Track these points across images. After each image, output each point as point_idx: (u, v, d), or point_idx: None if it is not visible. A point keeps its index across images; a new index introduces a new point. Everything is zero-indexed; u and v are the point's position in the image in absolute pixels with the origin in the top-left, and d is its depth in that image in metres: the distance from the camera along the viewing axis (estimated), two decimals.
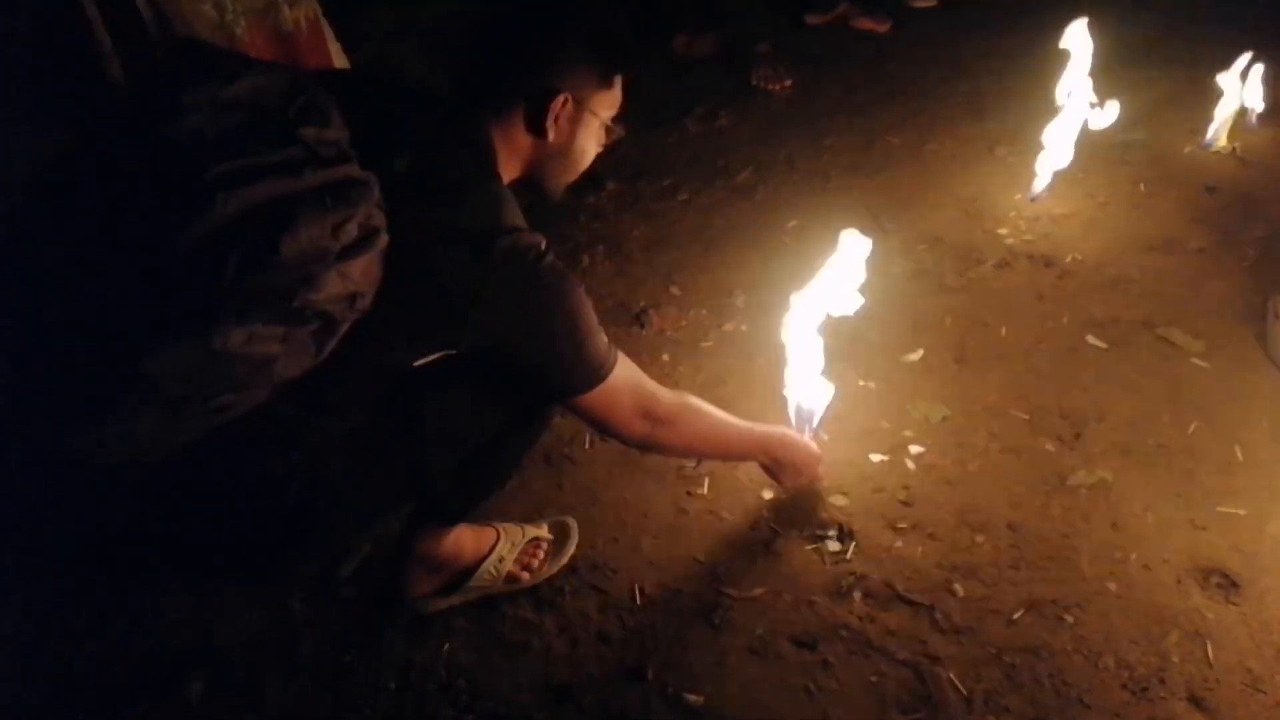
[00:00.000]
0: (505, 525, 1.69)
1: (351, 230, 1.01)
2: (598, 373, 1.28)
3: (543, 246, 1.21)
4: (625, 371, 1.33)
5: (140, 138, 0.99)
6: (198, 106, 0.99)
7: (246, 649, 1.59)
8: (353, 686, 1.53)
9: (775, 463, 1.68)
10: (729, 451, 1.67)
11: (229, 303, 0.94)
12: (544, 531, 1.72)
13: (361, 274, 1.03)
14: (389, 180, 1.08)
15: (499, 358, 1.23)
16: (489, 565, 1.63)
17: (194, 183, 0.94)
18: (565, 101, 1.26)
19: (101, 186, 0.98)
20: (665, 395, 1.40)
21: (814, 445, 1.73)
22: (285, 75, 1.08)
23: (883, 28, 3.58)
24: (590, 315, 1.27)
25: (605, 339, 1.30)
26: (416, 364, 1.21)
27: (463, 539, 1.62)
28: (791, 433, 1.70)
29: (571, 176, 1.39)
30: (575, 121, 1.29)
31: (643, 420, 1.37)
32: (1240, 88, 2.72)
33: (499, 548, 1.65)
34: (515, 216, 1.23)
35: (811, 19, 3.60)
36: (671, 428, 1.41)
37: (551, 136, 1.28)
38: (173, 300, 0.94)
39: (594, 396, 1.30)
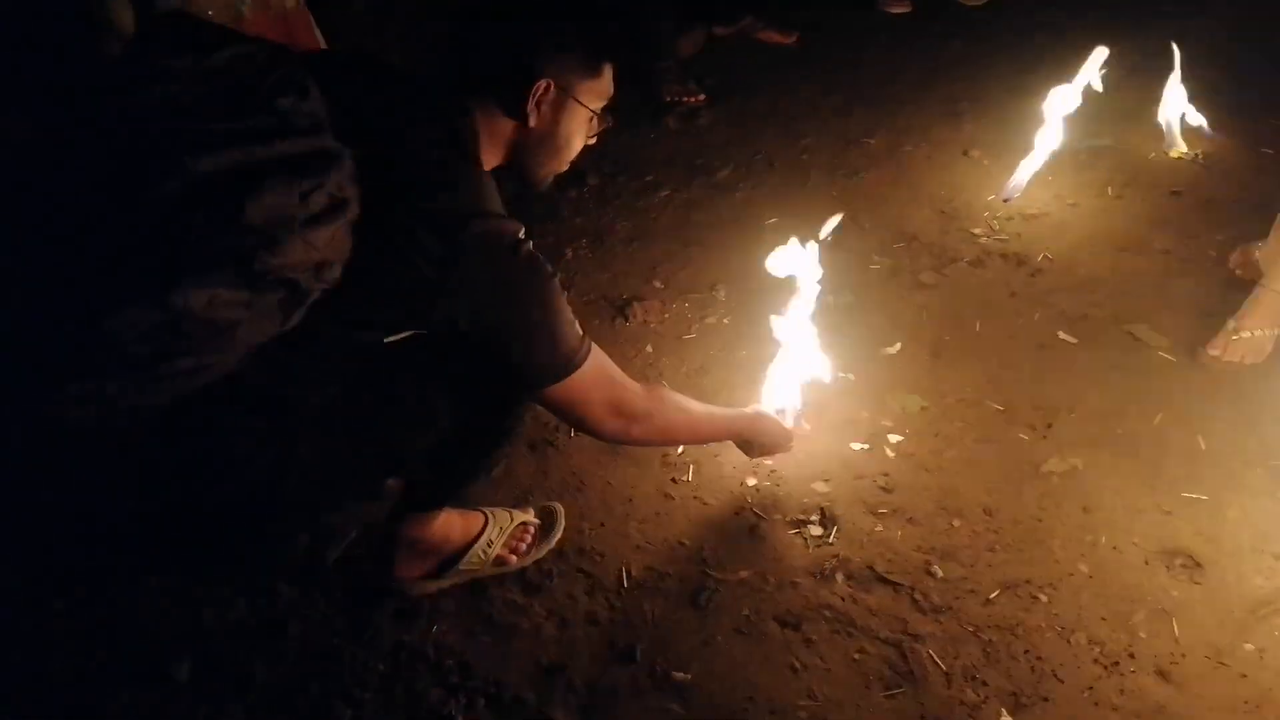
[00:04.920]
0: (493, 510, 1.71)
1: (320, 199, 1.02)
2: (568, 365, 1.26)
3: (519, 234, 1.20)
4: (597, 365, 1.31)
5: (115, 103, 1.00)
6: (175, 75, 1.00)
7: (233, 633, 1.59)
8: (342, 669, 1.53)
9: (747, 442, 1.72)
10: (702, 439, 1.73)
11: (188, 262, 0.95)
12: (531, 516, 1.74)
13: (328, 243, 1.03)
14: (365, 156, 1.09)
15: (468, 343, 1.22)
16: (477, 549, 1.65)
17: (163, 147, 0.96)
18: (547, 87, 1.25)
19: (72, 149, 0.98)
20: (638, 390, 1.39)
21: (783, 421, 1.76)
22: (267, 48, 1.08)
23: (789, 39, 3.62)
24: (563, 306, 1.25)
25: (579, 331, 1.28)
26: (388, 341, 1.20)
27: (450, 523, 1.64)
28: (763, 412, 1.72)
29: (556, 166, 1.37)
30: (559, 108, 1.28)
31: (615, 416, 1.36)
32: (1181, 95, 2.82)
33: (487, 532, 1.66)
34: (492, 202, 1.23)
35: (718, 31, 3.63)
36: (645, 423, 1.40)
37: (532, 122, 1.26)
38: (135, 259, 0.94)
39: (564, 389, 1.28)
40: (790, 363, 1.86)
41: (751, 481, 1.85)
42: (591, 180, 2.81)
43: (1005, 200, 2.67)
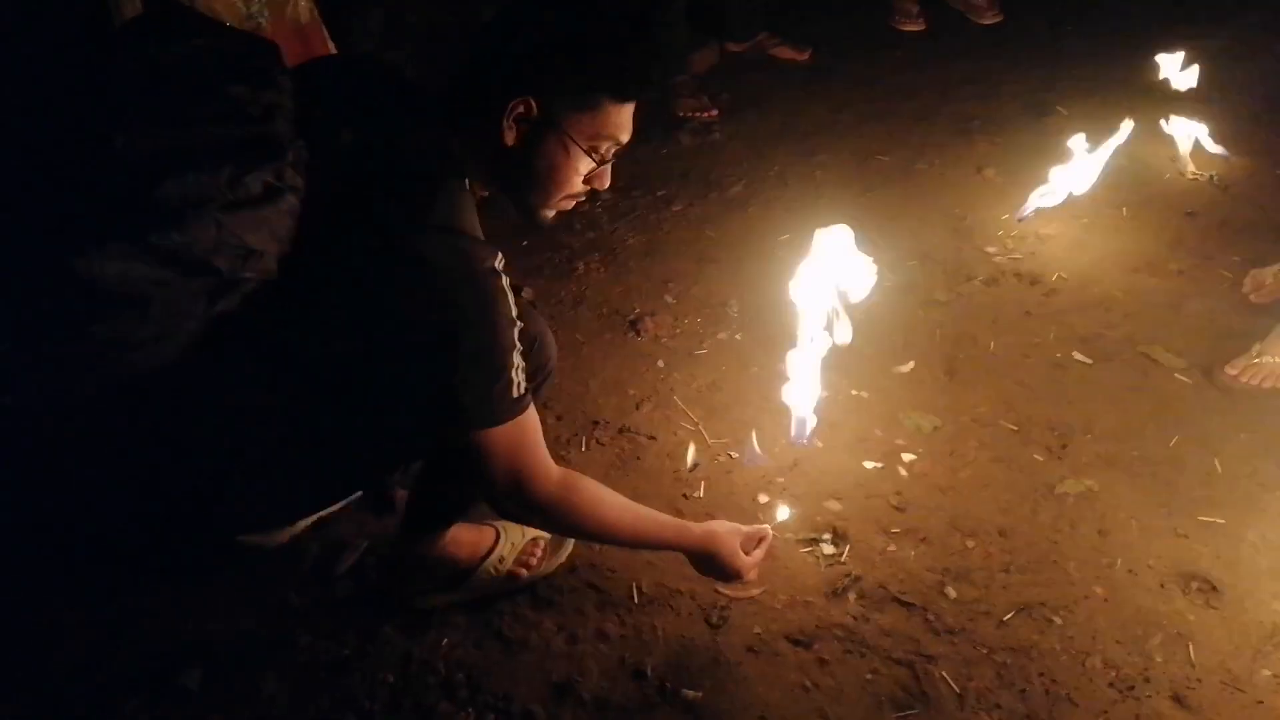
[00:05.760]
0: (505, 524, 1.70)
1: (252, 185, 1.00)
2: (494, 413, 1.17)
3: (487, 261, 1.12)
4: (523, 430, 1.21)
5: (68, 80, 1.01)
6: (135, 57, 1.01)
7: (242, 644, 1.59)
8: (350, 681, 1.53)
9: (698, 563, 1.49)
10: (624, 544, 1.51)
11: (93, 231, 0.95)
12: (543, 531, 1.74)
13: (254, 230, 1.01)
14: (335, 153, 1.06)
15: (397, 363, 1.15)
16: (489, 564, 1.64)
17: (99, 122, 0.97)
18: (527, 107, 1.18)
19: (19, 121, 1.01)
20: (549, 475, 1.26)
21: (742, 557, 1.48)
22: (246, 40, 1.08)
23: (802, 56, 3.61)
24: (510, 348, 1.15)
25: (523, 387, 1.19)
26: (333, 349, 1.16)
27: (460, 538, 1.63)
28: (719, 536, 1.46)
29: (546, 200, 1.27)
30: (542, 135, 1.21)
31: (512, 491, 1.24)
32: (1213, 116, 2.83)
33: (499, 548, 1.66)
34: (463, 221, 1.15)
35: (732, 47, 3.64)
36: (543, 513, 1.29)
37: (508, 140, 1.19)
38: (54, 226, 0.96)
39: (477, 436, 1.18)
40: (803, 380, 1.86)
41: (763, 499, 1.84)
42: (604, 195, 2.81)
43: (1019, 219, 2.66)
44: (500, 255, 1.15)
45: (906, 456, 1.93)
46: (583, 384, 2.13)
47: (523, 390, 1.19)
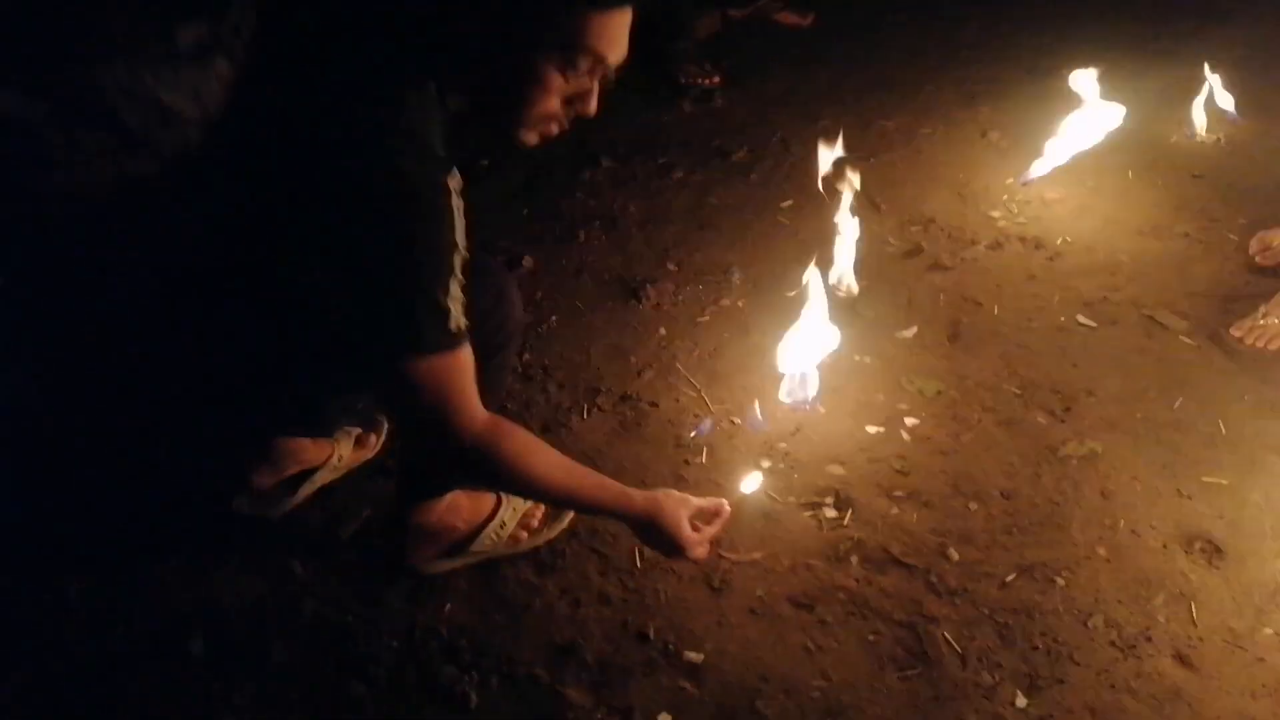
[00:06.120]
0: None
1: (180, 39, 0.93)
2: (428, 342, 1.05)
3: (432, 169, 1.02)
4: (455, 366, 1.09)
5: None
6: None
7: (247, 613, 1.60)
8: (355, 647, 1.54)
9: (642, 533, 1.38)
10: (551, 501, 1.47)
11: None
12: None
13: (172, 88, 0.94)
14: (284, 30, 0.99)
15: (325, 270, 1.05)
16: (490, 531, 1.64)
17: None
18: (498, 9, 1.05)
19: None
20: (476, 417, 1.15)
21: (686, 530, 1.35)
22: None
23: (805, 21, 3.57)
24: (437, 273, 1.03)
25: (462, 320, 1.08)
26: (253, 240, 1.08)
27: (459, 505, 1.63)
28: (665, 508, 1.34)
29: (516, 116, 1.13)
30: (506, 44, 1.07)
31: (436, 425, 1.13)
32: (1219, 78, 2.80)
33: (500, 513, 1.66)
34: (419, 125, 1.04)
35: (733, 13, 3.59)
36: (468, 454, 1.17)
37: (478, 49, 1.07)
38: None
39: (404, 368, 1.07)
40: (804, 345, 1.85)
41: (766, 464, 1.84)
42: (605, 162, 2.79)
43: (1024, 184, 2.64)
44: (458, 175, 1.04)
45: (909, 421, 1.92)
46: (584, 352, 2.13)
47: (460, 326, 1.07)
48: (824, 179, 2.02)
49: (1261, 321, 2.06)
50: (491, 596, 1.61)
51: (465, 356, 1.10)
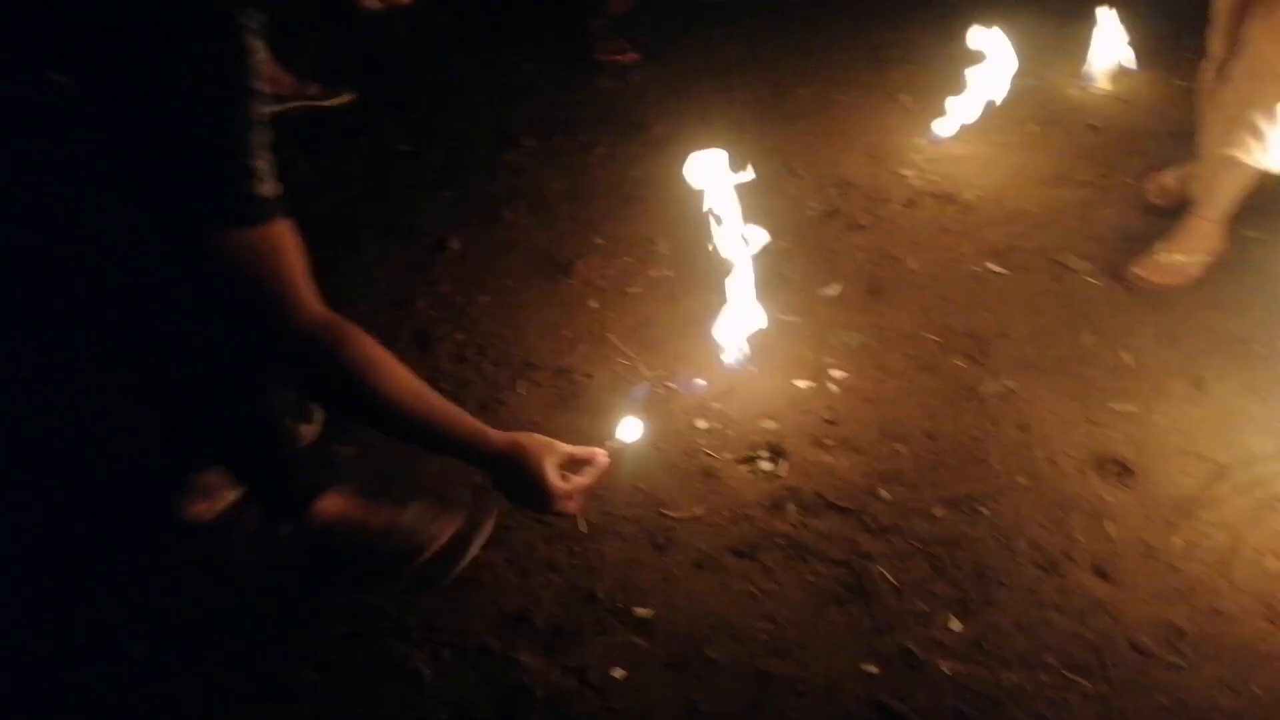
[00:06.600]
0: (405, 508, 1.57)
1: None
2: (257, 210, 0.94)
3: (246, 17, 0.91)
4: (289, 241, 0.98)
5: None
6: None
7: (190, 611, 1.58)
8: (304, 636, 1.53)
9: (502, 480, 1.22)
10: (406, 429, 1.14)
11: None
12: (458, 520, 1.59)
13: None
14: None
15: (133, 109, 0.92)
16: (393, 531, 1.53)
17: None
18: None
19: None
20: (316, 308, 1.03)
21: (552, 478, 1.20)
22: None
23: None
24: (237, 123, 0.91)
25: (269, 185, 0.96)
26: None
27: (348, 514, 1.53)
28: (528, 449, 1.19)
29: None
30: None
31: (261, 316, 1.00)
32: (1112, 30, 2.92)
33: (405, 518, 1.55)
34: None
35: None
36: (310, 342, 1.02)
37: None
38: None
39: (236, 241, 0.94)
40: (734, 308, 1.90)
41: (701, 424, 1.88)
42: (527, 142, 2.80)
43: (933, 142, 2.73)
44: (258, 15, 0.92)
45: (836, 374, 1.99)
46: (516, 329, 2.14)
47: (273, 193, 0.95)
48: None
49: (1160, 258, 2.17)
50: None
51: (292, 239, 0.98)
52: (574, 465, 1.23)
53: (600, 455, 1.27)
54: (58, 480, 1.74)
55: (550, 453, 1.19)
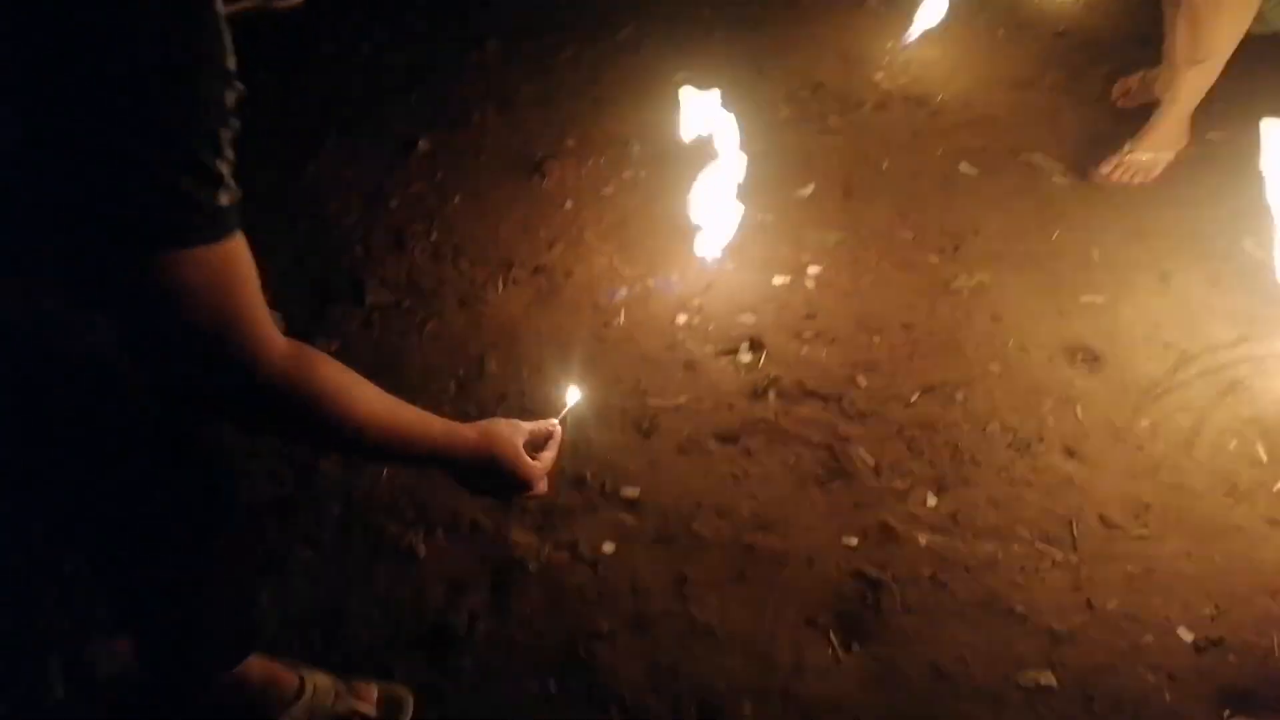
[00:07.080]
0: (315, 675, 1.32)
1: None
2: (202, 225, 0.70)
3: None
4: (241, 260, 0.75)
5: None
6: None
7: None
8: (297, 517, 1.54)
9: (473, 475, 1.09)
10: (377, 451, 1.00)
11: None
12: (369, 699, 1.34)
13: None
14: None
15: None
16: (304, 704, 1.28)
17: None
18: None
19: None
20: (273, 336, 0.79)
21: (526, 461, 1.10)
22: None
23: None
24: (200, 116, 0.68)
25: (231, 190, 0.72)
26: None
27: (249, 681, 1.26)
28: (502, 437, 1.07)
29: None
30: None
31: (219, 355, 0.76)
32: None
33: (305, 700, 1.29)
34: None
35: None
36: (269, 399, 0.81)
37: None
38: None
39: (174, 265, 0.70)
40: (710, 207, 1.90)
41: (682, 319, 1.90)
42: (491, 44, 2.73)
43: (904, 46, 2.72)
44: None
45: (812, 269, 2.01)
46: (491, 229, 2.12)
47: (234, 200, 0.73)
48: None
49: (1126, 158, 2.21)
50: None
51: (247, 254, 0.77)
52: (534, 442, 1.15)
53: (555, 428, 1.20)
54: None
55: (518, 434, 1.10)
